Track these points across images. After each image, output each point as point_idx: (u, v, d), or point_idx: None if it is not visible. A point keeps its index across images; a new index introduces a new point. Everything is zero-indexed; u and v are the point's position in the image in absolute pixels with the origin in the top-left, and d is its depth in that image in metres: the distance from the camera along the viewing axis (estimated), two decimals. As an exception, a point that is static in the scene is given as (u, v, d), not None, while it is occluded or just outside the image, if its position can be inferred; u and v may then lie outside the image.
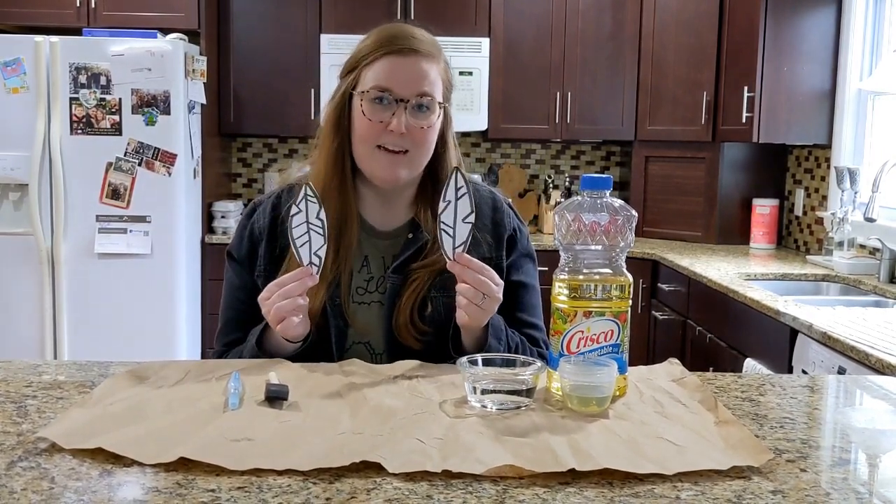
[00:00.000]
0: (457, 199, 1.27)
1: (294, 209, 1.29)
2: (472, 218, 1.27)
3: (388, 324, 1.42)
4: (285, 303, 1.28)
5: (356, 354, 1.40)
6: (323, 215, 1.29)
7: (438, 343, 1.42)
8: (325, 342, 1.42)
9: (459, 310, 1.31)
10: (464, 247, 1.28)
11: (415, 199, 1.49)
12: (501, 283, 1.31)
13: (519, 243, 1.52)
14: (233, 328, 1.48)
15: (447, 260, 1.28)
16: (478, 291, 1.27)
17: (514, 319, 1.49)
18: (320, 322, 1.41)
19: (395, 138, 1.37)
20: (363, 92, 1.38)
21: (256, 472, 0.92)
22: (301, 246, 1.29)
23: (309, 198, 1.28)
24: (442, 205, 1.27)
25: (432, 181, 1.47)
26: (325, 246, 1.29)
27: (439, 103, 1.40)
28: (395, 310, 1.42)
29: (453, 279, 1.42)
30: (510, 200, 1.59)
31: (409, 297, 1.41)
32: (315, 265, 1.29)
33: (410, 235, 1.46)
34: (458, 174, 1.27)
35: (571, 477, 0.92)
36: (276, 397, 1.13)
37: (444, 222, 1.27)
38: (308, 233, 1.28)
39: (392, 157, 1.39)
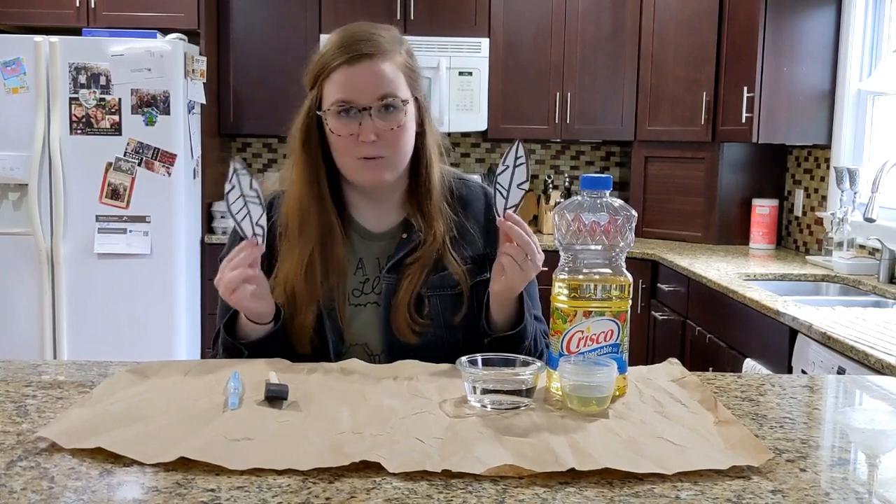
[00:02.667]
0: (515, 165, 1.30)
1: (227, 186, 1.30)
2: (526, 185, 1.31)
3: (385, 324, 1.42)
4: (235, 273, 1.29)
5: (354, 357, 1.40)
6: (256, 185, 1.30)
7: (436, 339, 1.42)
8: (323, 348, 1.42)
9: (497, 275, 1.33)
10: (515, 209, 1.30)
11: (405, 199, 1.49)
12: (543, 255, 1.33)
13: None
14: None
15: (497, 217, 1.31)
16: (521, 251, 1.29)
17: None
18: (317, 327, 1.41)
19: (368, 147, 1.37)
20: (327, 110, 1.38)
21: (256, 471, 0.92)
22: (242, 220, 1.31)
23: (239, 172, 1.30)
24: (501, 167, 1.30)
25: (417, 177, 1.47)
26: (265, 213, 1.31)
27: (403, 100, 1.38)
28: (392, 307, 1.42)
29: (448, 277, 1.42)
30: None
31: (405, 293, 1.42)
32: (259, 235, 1.31)
33: (404, 235, 1.46)
34: (520, 145, 1.30)
35: (571, 477, 0.92)
36: (275, 397, 1.13)
37: (500, 184, 1.30)
38: (245, 205, 1.30)
39: (371, 164, 1.39)
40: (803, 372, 2.42)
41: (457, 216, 1.47)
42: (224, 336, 1.39)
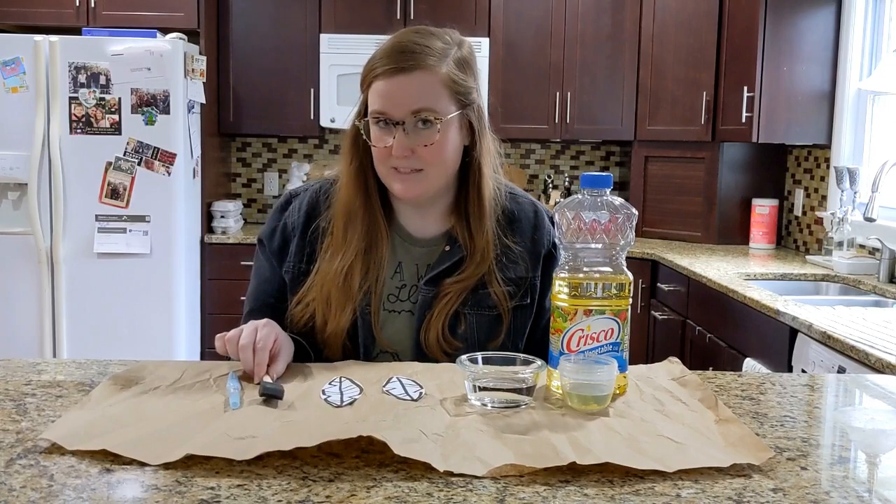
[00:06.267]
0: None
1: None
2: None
3: (417, 336, 1.40)
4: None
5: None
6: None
7: None
8: (354, 352, 1.40)
9: None
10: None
11: (451, 209, 1.44)
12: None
13: (558, 262, 1.47)
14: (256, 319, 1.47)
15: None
16: None
17: (537, 344, 1.44)
18: (350, 331, 1.39)
19: (401, 160, 1.34)
20: (366, 119, 1.37)
21: (256, 470, 0.92)
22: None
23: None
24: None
25: (465, 190, 1.42)
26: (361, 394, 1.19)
27: (439, 116, 1.32)
28: (424, 323, 1.39)
29: (488, 297, 1.40)
30: (553, 214, 1.55)
31: (441, 311, 1.38)
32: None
33: (447, 248, 1.42)
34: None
35: (572, 475, 0.92)
36: (271, 395, 1.13)
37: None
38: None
39: (404, 177, 1.36)
40: (803, 371, 2.41)
41: (504, 236, 1.43)
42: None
